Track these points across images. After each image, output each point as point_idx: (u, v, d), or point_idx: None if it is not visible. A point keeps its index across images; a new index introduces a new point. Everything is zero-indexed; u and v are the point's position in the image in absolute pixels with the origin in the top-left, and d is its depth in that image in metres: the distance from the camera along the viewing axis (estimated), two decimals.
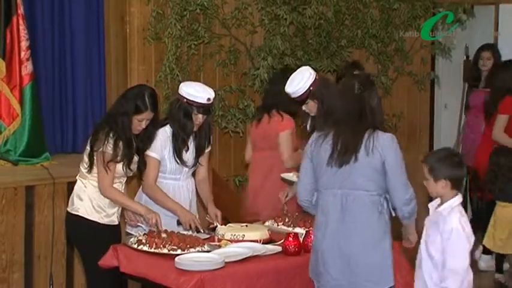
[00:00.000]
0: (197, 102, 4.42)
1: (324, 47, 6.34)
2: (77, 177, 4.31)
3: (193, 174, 4.71)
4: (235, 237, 4.11)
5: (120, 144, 4.10)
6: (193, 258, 3.77)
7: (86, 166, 4.18)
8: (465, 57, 7.98)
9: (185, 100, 4.44)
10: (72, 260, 5.22)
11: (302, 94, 4.51)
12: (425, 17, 6.89)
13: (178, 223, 4.42)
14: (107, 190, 4.13)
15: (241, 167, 6.30)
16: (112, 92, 6.07)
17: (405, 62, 6.84)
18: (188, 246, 3.93)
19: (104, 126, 4.13)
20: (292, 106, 4.83)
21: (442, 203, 3.59)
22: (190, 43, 5.82)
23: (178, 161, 4.50)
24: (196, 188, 4.73)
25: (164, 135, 4.47)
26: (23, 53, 5.38)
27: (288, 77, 4.57)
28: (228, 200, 5.67)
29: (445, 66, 7.74)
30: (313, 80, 4.51)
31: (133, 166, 4.26)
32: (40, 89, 5.75)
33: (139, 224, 4.35)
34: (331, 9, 6.24)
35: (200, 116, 4.46)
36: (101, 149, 4.07)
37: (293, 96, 4.55)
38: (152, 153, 4.43)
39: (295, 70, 4.68)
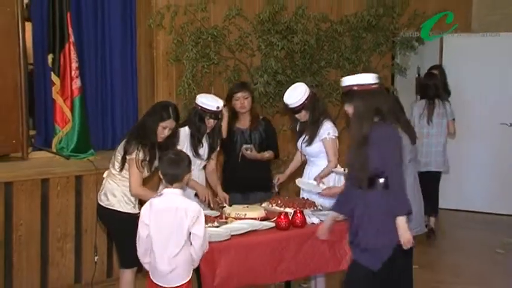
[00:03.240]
0: (208, 110, 4.47)
1: (307, 67, 6.35)
2: (107, 178, 4.23)
3: (204, 168, 4.73)
4: (238, 215, 4.15)
5: (147, 149, 4.04)
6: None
7: (118, 167, 4.12)
8: (417, 75, 8.01)
9: (199, 108, 4.49)
10: None
11: (299, 105, 4.51)
12: (386, 44, 6.90)
13: (195, 195, 4.45)
14: (137, 189, 4.03)
15: None
16: (142, 100, 6.12)
17: None
18: None
19: (135, 135, 4.07)
20: None
21: None
22: (203, 64, 5.83)
23: (194, 154, 4.52)
24: (206, 178, 4.77)
25: (184, 133, 4.51)
26: (73, 72, 5.39)
27: None
28: None
29: (401, 82, 7.76)
30: (308, 94, 4.54)
31: (153, 168, 4.18)
32: (86, 99, 5.75)
33: None
34: (314, 38, 6.25)
35: (211, 120, 4.49)
36: (133, 156, 4.00)
37: (291, 106, 4.53)
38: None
39: None
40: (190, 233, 3.49)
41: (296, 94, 4.51)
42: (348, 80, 3.54)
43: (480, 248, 6.37)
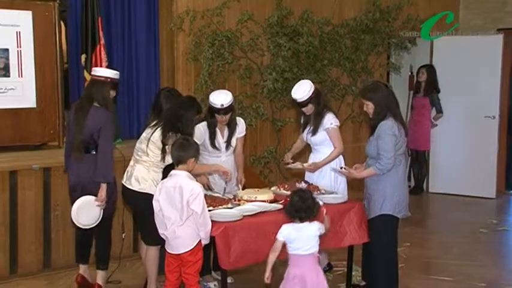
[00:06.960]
0: (214, 107, 4.42)
1: (312, 66, 6.33)
2: (136, 164, 4.14)
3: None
4: (250, 198, 4.12)
5: None
6: (221, 213, 3.79)
7: (159, 157, 4.03)
8: (410, 73, 7.95)
9: (210, 105, 4.46)
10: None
11: (306, 100, 4.49)
12: (382, 44, 6.85)
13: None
14: None
15: (253, 151, 6.29)
16: None
17: (369, 77, 6.80)
18: (217, 204, 3.94)
19: (170, 127, 4.00)
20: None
21: None
22: (219, 63, 5.82)
23: (212, 146, 4.50)
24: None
25: (203, 128, 4.48)
26: None
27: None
28: (248, 174, 5.42)
29: (396, 79, 7.72)
30: (313, 90, 4.51)
31: None
32: (115, 94, 5.73)
33: None
34: (317, 39, 6.24)
35: (220, 116, 4.44)
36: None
37: (299, 101, 4.49)
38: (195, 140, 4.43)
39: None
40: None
41: (302, 90, 4.49)
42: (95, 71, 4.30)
43: (466, 228, 6.32)
